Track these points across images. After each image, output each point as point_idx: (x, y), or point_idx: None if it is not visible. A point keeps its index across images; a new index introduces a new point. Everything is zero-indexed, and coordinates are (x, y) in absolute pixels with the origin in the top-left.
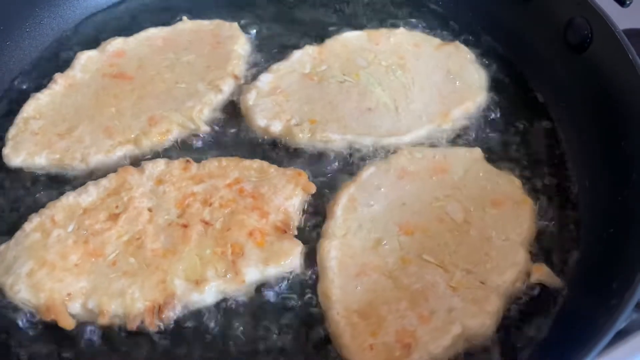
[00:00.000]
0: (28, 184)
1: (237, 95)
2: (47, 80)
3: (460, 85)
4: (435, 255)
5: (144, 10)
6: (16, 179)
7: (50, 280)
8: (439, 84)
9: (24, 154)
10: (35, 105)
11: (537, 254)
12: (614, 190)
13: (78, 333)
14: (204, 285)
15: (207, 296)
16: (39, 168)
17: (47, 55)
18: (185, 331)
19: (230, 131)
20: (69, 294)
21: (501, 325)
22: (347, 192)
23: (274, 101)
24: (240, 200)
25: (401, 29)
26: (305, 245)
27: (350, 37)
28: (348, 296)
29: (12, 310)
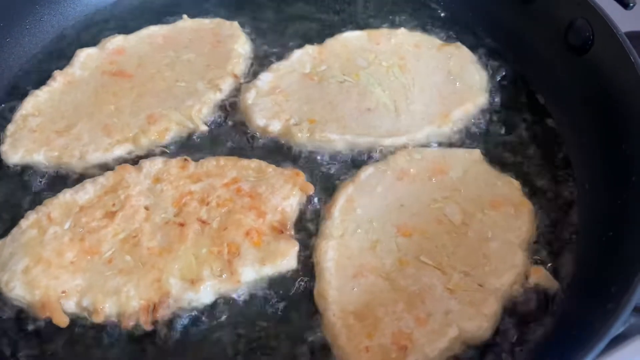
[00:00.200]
0: (25, 181)
1: (237, 94)
2: (47, 77)
3: (461, 86)
4: (432, 257)
5: (145, 8)
6: (14, 176)
7: (45, 278)
8: (439, 84)
9: (22, 151)
10: (34, 102)
11: (536, 256)
12: (613, 192)
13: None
14: (200, 284)
15: (203, 296)
16: (37, 165)
17: (47, 53)
18: (180, 331)
19: (229, 130)
20: (64, 291)
21: (498, 328)
22: (345, 193)
23: (273, 101)
24: (237, 200)
25: (402, 29)
26: (302, 246)
27: (351, 37)
28: (344, 297)
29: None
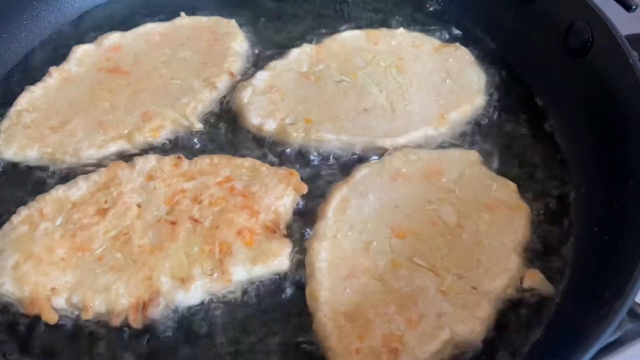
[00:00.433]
0: (18, 177)
1: (233, 92)
2: (43, 73)
3: (459, 87)
4: (426, 259)
5: (143, 5)
6: (6, 172)
7: (35, 274)
8: (437, 85)
9: (16, 146)
10: (29, 98)
11: (531, 260)
12: (610, 197)
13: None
14: (190, 283)
15: (193, 294)
16: (31, 161)
17: (44, 49)
18: (169, 330)
19: (223, 129)
20: (54, 288)
21: (491, 332)
22: (340, 193)
23: (269, 99)
24: (230, 199)
25: (401, 30)
26: (295, 246)
27: (349, 37)
28: (336, 298)
29: None
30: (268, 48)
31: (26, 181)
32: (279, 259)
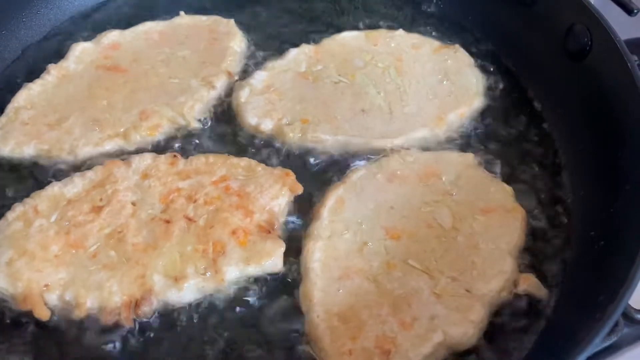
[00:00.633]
0: (14, 173)
1: (231, 92)
2: (41, 70)
3: (457, 89)
4: (420, 261)
5: (143, 3)
6: (3, 168)
7: (29, 270)
8: (435, 87)
9: (13, 143)
10: (26, 95)
11: (526, 263)
12: (606, 201)
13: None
14: (183, 282)
15: (186, 293)
16: (27, 158)
17: (43, 46)
18: (160, 329)
19: (220, 128)
20: (47, 284)
21: (485, 335)
22: (335, 194)
23: (266, 99)
24: (225, 198)
25: (400, 31)
26: (289, 246)
27: (348, 37)
28: (329, 299)
29: None
30: (266, 48)
31: (22, 178)
32: (272, 259)
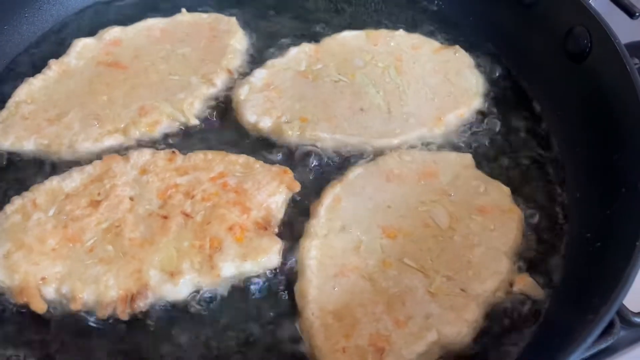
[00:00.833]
0: (14, 167)
1: (230, 89)
2: (43, 65)
3: (456, 90)
4: (416, 260)
5: (145, 0)
6: (2, 162)
7: (26, 263)
8: (434, 87)
9: (13, 137)
10: (27, 89)
11: (522, 264)
12: (603, 203)
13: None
14: (179, 277)
15: (181, 289)
16: (27, 152)
17: (45, 42)
18: (155, 324)
19: (219, 125)
20: (44, 277)
21: (479, 335)
22: (332, 192)
23: (265, 97)
24: (222, 195)
25: (400, 31)
26: (285, 243)
27: (349, 37)
28: (324, 296)
29: None
30: (267, 46)
31: (21, 171)
32: (268, 256)
